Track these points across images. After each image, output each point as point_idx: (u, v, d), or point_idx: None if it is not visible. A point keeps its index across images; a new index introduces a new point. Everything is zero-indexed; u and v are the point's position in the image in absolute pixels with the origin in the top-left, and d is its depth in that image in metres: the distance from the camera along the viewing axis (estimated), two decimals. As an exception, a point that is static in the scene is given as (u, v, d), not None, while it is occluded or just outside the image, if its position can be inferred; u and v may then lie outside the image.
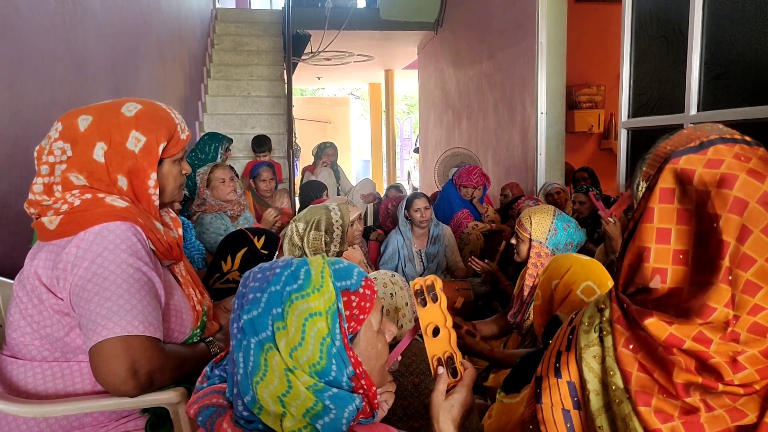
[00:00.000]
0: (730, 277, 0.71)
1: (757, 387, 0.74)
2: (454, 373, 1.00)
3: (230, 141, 4.34)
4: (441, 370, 1.00)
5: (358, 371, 0.84)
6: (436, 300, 0.99)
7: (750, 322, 0.71)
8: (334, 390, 0.82)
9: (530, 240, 2.17)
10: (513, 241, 2.25)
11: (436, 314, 0.99)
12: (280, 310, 0.81)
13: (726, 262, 0.71)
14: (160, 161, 1.36)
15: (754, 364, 0.72)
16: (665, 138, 0.87)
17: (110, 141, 1.29)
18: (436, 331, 0.99)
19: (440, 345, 0.99)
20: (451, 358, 1.00)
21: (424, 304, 0.99)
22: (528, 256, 2.20)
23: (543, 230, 2.15)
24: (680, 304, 0.75)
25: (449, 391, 1.00)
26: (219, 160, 4.12)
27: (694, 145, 0.77)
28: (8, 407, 1.20)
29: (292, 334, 0.81)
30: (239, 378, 0.83)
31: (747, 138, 0.78)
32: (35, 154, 1.31)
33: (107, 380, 1.17)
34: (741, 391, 0.73)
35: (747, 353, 0.72)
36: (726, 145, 0.76)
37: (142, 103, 1.36)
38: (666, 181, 0.77)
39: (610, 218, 2.60)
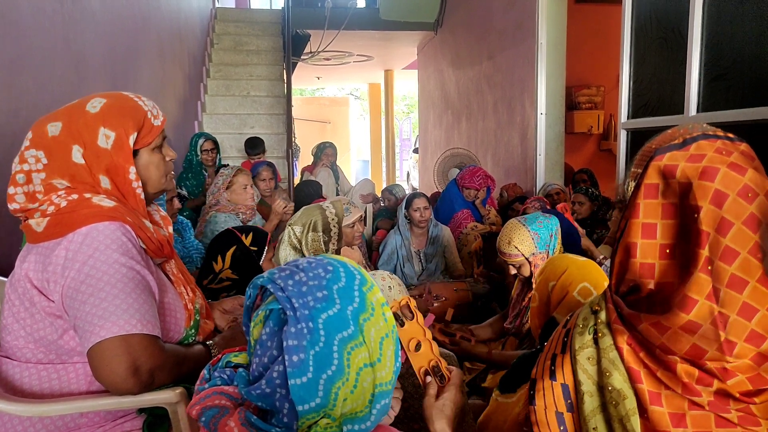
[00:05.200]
0: (709, 267, 0.71)
1: (758, 401, 0.74)
2: (441, 379, 1.04)
3: (208, 139, 4.51)
4: (429, 378, 1.04)
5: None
6: (413, 317, 1.05)
7: (748, 330, 0.71)
8: (387, 400, 0.84)
9: (526, 259, 2.17)
10: (512, 272, 2.25)
11: (415, 330, 1.04)
12: (357, 304, 0.82)
13: (705, 252, 0.71)
14: (137, 152, 1.33)
15: (745, 372, 0.73)
16: (652, 139, 0.88)
17: (84, 142, 1.26)
18: (417, 347, 1.04)
19: (424, 357, 1.05)
20: (436, 366, 1.05)
21: (402, 324, 1.04)
22: (531, 272, 2.21)
23: (528, 243, 2.16)
24: (667, 299, 0.75)
25: (439, 395, 1.03)
26: (199, 152, 4.41)
27: (678, 143, 0.79)
28: (6, 406, 1.19)
29: (381, 324, 0.84)
30: (303, 382, 0.77)
31: (729, 135, 0.80)
32: (13, 167, 1.28)
33: (108, 380, 1.16)
34: (736, 393, 0.73)
35: (737, 362, 0.72)
36: (708, 140, 0.78)
37: (108, 97, 1.32)
38: (650, 178, 0.79)
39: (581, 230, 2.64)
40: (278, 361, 0.80)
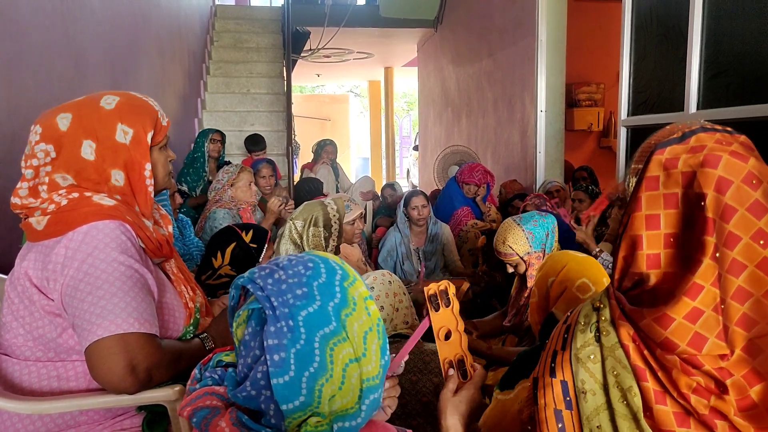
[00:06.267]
0: (717, 254, 0.72)
1: (755, 399, 0.73)
2: (464, 374, 1.01)
3: (215, 132, 4.61)
4: (451, 371, 1.01)
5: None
6: (449, 305, 1.01)
7: (739, 313, 0.71)
8: (376, 395, 0.83)
9: (521, 258, 2.17)
10: (510, 270, 2.26)
11: (448, 318, 1.01)
12: (338, 300, 0.81)
13: (713, 239, 0.72)
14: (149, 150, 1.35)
15: (739, 369, 0.72)
16: (650, 136, 0.89)
17: (97, 137, 1.27)
18: (447, 335, 1.01)
19: (452, 348, 1.01)
20: (461, 361, 1.02)
21: (437, 308, 1.00)
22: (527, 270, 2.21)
23: (523, 243, 2.16)
24: (671, 289, 0.75)
25: (458, 390, 1.01)
26: (206, 150, 4.49)
27: (677, 137, 0.80)
28: (5, 404, 1.19)
29: (364, 319, 0.82)
30: (285, 381, 0.77)
31: (728, 128, 0.80)
32: (22, 164, 1.29)
33: (105, 378, 1.16)
34: (731, 411, 0.73)
35: (732, 358, 0.72)
36: (707, 133, 0.79)
37: (119, 95, 1.34)
38: (652, 171, 0.79)
39: (576, 225, 2.65)
40: (261, 361, 0.79)
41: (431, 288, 1.01)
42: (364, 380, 0.81)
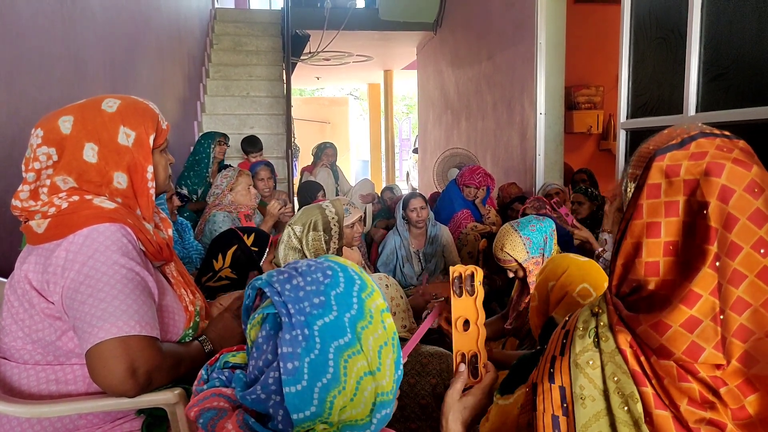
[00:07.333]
0: (717, 263, 0.71)
1: (751, 411, 0.73)
2: (474, 373, 0.97)
3: (222, 135, 4.60)
4: (462, 367, 0.97)
5: None
6: (473, 293, 0.96)
7: (737, 324, 0.71)
8: (388, 410, 0.82)
9: (519, 264, 2.17)
10: (510, 275, 2.25)
11: (469, 308, 0.96)
12: (354, 311, 0.80)
13: (714, 248, 0.71)
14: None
15: (734, 380, 0.72)
16: (647, 140, 0.88)
17: (99, 140, 1.28)
18: (465, 326, 0.95)
19: (468, 341, 0.96)
20: (475, 357, 0.97)
21: (459, 293, 0.95)
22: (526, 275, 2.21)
23: (520, 249, 2.15)
24: (668, 296, 0.75)
25: (465, 390, 0.98)
26: (212, 154, 4.45)
27: (676, 142, 0.79)
28: (4, 407, 1.19)
29: (379, 332, 0.81)
30: (297, 390, 0.76)
31: (726, 133, 0.80)
32: (23, 167, 1.29)
33: (105, 381, 1.16)
34: (727, 421, 0.72)
35: (727, 369, 0.72)
36: (707, 138, 0.78)
37: (120, 98, 1.35)
38: (653, 178, 0.78)
39: (578, 225, 2.65)
40: (273, 366, 0.78)
41: (457, 269, 0.95)
42: (378, 394, 0.80)
